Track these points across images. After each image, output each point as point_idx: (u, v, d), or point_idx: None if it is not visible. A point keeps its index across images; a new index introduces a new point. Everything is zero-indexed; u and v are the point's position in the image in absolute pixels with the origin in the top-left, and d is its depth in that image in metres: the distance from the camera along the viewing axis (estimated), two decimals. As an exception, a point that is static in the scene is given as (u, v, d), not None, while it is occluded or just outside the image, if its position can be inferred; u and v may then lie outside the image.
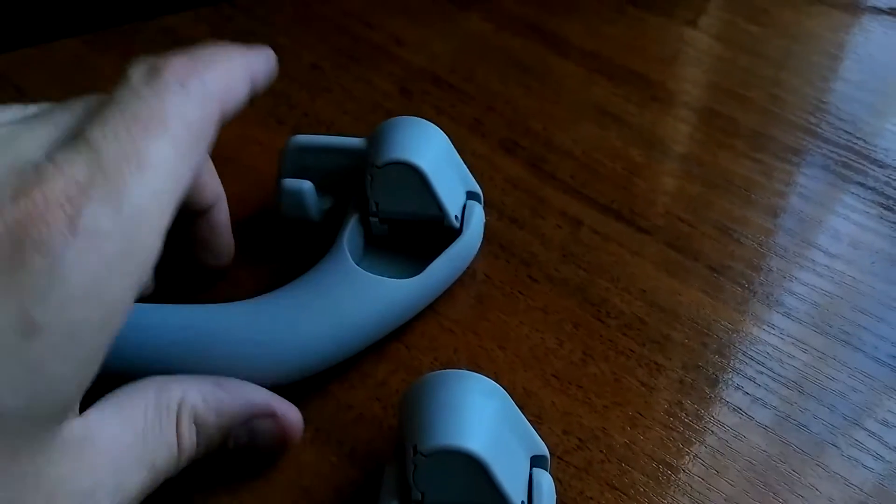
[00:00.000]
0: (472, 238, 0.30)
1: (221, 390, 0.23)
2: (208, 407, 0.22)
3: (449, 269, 0.29)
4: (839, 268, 0.32)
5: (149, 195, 0.18)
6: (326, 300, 0.27)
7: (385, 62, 0.40)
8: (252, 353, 0.26)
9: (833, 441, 0.27)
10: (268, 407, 0.24)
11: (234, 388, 0.23)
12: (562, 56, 0.41)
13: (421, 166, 0.28)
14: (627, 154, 0.36)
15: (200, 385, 0.23)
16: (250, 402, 0.23)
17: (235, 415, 0.23)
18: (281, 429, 0.24)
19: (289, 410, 0.24)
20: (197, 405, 0.22)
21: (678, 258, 0.32)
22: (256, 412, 0.24)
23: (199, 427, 0.22)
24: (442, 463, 0.22)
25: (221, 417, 0.23)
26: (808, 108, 0.39)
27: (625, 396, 0.28)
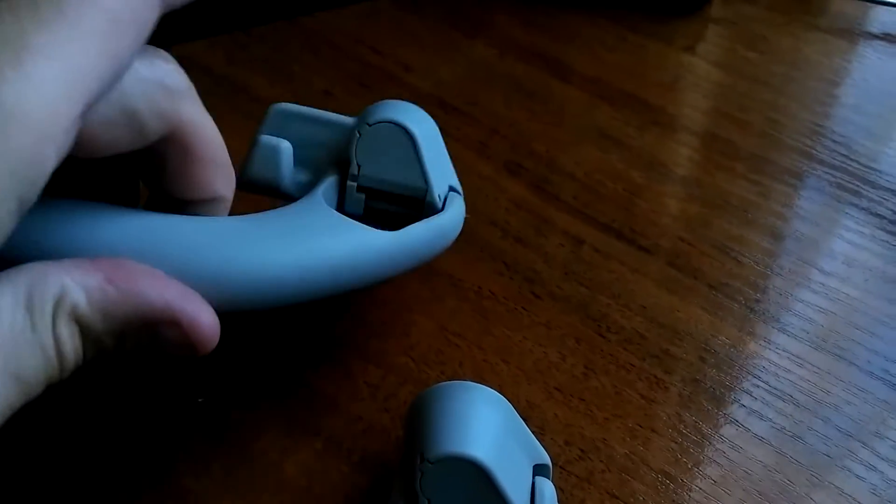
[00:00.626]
0: (453, 219, 0.28)
1: (111, 286, 0.18)
2: (93, 307, 0.18)
3: (428, 235, 0.27)
4: (834, 285, 0.33)
5: (29, 93, 0.15)
6: (297, 230, 0.24)
7: (394, 87, 0.41)
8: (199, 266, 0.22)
9: (828, 452, 0.28)
10: (170, 311, 0.19)
11: (129, 283, 0.19)
12: (564, 81, 0.42)
13: (413, 131, 0.27)
14: (628, 176, 0.37)
15: (86, 276, 0.18)
16: (147, 304, 0.19)
17: (127, 318, 0.18)
18: (186, 338, 0.19)
19: (199, 315, 0.19)
20: (78, 304, 0.18)
21: (677, 276, 0.33)
22: (155, 316, 0.19)
23: (84, 330, 0.18)
24: (448, 470, 0.23)
25: (110, 321, 0.18)
26: (805, 131, 0.40)
27: (625, 409, 0.29)
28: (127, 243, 0.21)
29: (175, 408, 0.28)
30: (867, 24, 0.48)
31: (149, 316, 0.19)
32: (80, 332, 0.18)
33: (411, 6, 0.46)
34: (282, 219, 0.24)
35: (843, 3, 0.49)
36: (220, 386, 0.29)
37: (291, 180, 0.28)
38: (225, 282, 0.22)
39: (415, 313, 0.31)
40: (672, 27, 0.46)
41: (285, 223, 0.24)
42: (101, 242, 0.21)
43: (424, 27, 0.45)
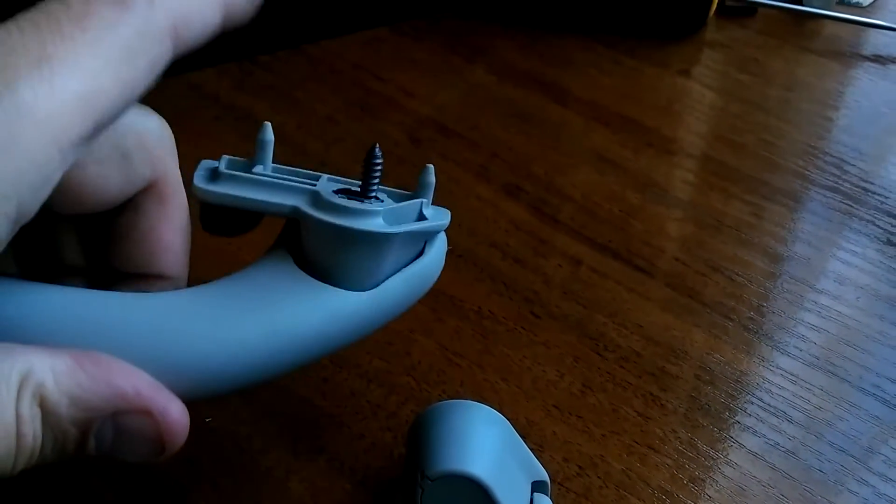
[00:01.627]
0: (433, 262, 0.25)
1: (81, 371, 0.17)
2: (61, 390, 0.17)
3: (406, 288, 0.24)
4: (826, 303, 0.34)
5: (45, 95, 0.16)
6: (259, 299, 0.22)
7: (395, 113, 0.42)
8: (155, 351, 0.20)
9: (821, 468, 0.28)
10: (140, 399, 0.18)
11: (98, 368, 0.17)
12: (561, 105, 0.43)
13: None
14: (624, 197, 0.38)
15: (54, 359, 0.17)
16: (118, 391, 0.18)
17: (95, 406, 0.17)
18: (157, 431, 0.18)
19: (169, 406, 0.18)
20: (45, 384, 0.16)
21: (673, 295, 0.34)
22: (125, 405, 0.18)
23: (47, 415, 0.17)
24: (448, 487, 0.23)
25: (77, 407, 0.17)
26: (798, 152, 0.41)
27: (622, 426, 0.29)
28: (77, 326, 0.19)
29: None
30: (859, 46, 0.49)
31: (118, 404, 0.18)
32: (44, 416, 0.17)
33: (411, 34, 0.48)
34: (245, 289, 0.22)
35: (835, 26, 0.50)
36: (227, 405, 0.29)
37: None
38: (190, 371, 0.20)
39: (416, 333, 0.32)
40: (667, 51, 0.47)
41: (251, 295, 0.22)
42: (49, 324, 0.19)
43: (424, 54, 0.46)
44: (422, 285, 0.25)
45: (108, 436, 0.18)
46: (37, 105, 0.15)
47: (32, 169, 0.16)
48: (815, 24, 0.51)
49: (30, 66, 0.16)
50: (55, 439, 0.17)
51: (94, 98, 0.17)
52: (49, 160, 0.16)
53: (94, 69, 0.16)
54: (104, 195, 0.20)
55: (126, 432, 0.18)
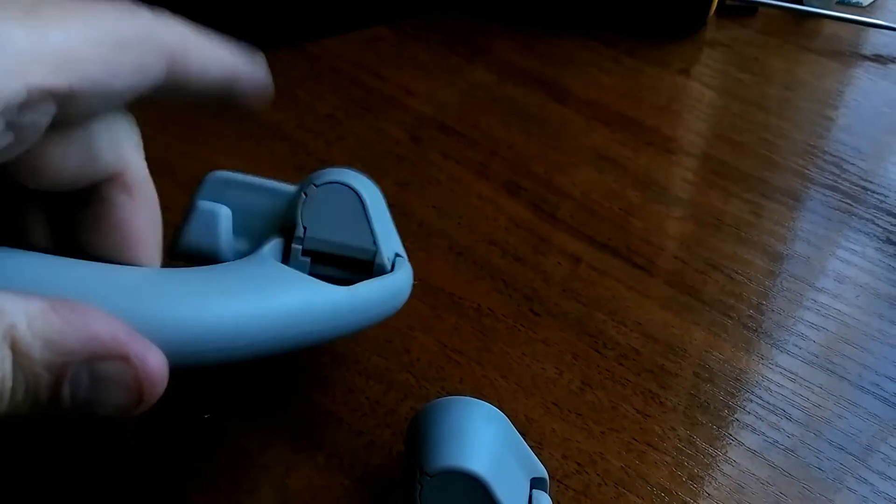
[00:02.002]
0: (403, 279, 0.27)
1: (56, 314, 0.17)
2: (34, 333, 0.16)
3: (378, 295, 0.26)
4: (826, 301, 0.34)
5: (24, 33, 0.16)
6: (238, 281, 0.22)
7: (395, 111, 0.42)
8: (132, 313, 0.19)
9: (819, 466, 0.28)
10: (118, 345, 0.17)
11: (74, 312, 0.17)
12: (561, 104, 0.43)
13: (362, 192, 0.26)
14: (624, 195, 0.38)
15: (27, 302, 0.16)
16: (94, 335, 0.17)
17: (71, 348, 0.17)
18: (135, 378, 0.17)
19: (147, 353, 0.18)
20: (17, 325, 0.16)
21: (672, 293, 0.34)
22: (102, 349, 0.17)
23: (18, 356, 0.16)
24: (447, 483, 0.23)
25: (51, 350, 0.16)
26: (798, 151, 0.41)
27: (621, 423, 0.29)
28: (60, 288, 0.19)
29: (181, 424, 0.29)
30: (858, 46, 0.49)
31: (95, 349, 0.17)
32: (15, 358, 0.16)
33: (412, 32, 0.48)
34: (228, 272, 0.23)
35: (835, 25, 0.50)
36: (226, 402, 0.29)
37: (230, 249, 0.26)
38: (166, 334, 0.20)
39: (415, 331, 0.32)
40: (666, 50, 0.47)
41: (232, 276, 0.23)
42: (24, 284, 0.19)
43: (425, 53, 0.46)
44: (393, 297, 0.27)
45: (84, 383, 0.17)
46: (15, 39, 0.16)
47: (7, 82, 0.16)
48: (815, 24, 0.51)
49: (16, 11, 0.16)
50: (27, 384, 0.16)
51: (73, 60, 0.17)
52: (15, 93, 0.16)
53: (81, 38, 0.17)
54: (63, 172, 0.20)
55: (102, 379, 0.17)
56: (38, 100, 0.16)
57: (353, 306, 0.25)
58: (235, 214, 0.27)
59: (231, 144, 0.40)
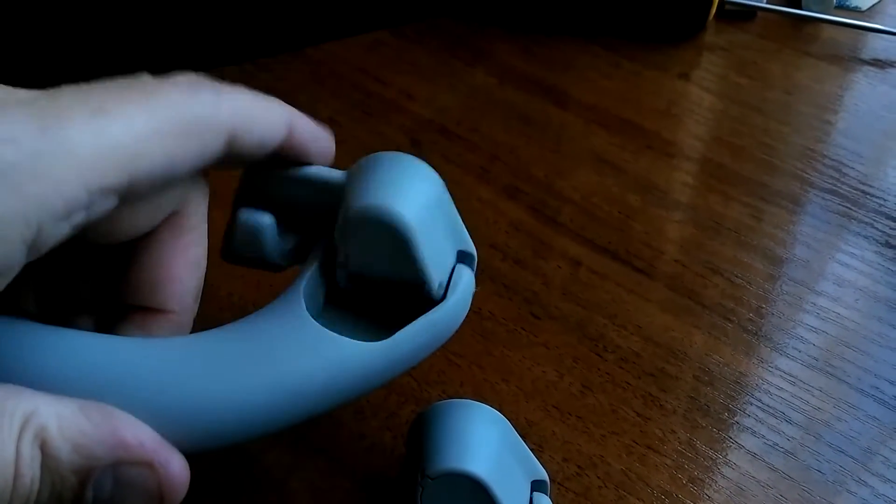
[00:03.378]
0: (455, 308, 0.23)
1: (85, 418, 0.17)
2: (63, 435, 0.17)
3: (423, 338, 0.23)
4: (826, 305, 0.34)
5: (89, 138, 0.16)
6: (265, 351, 0.21)
7: (396, 115, 0.43)
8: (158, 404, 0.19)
9: (819, 468, 0.28)
10: (143, 451, 0.18)
11: (102, 417, 0.17)
12: (561, 108, 0.43)
13: (405, 226, 0.22)
14: (624, 199, 0.38)
15: (59, 404, 0.17)
16: (121, 441, 0.17)
17: (97, 454, 0.17)
18: (158, 484, 0.18)
19: (171, 460, 0.18)
20: (49, 427, 0.16)
21: (672, 296, 0.34)
22: (127, 456, 0.18)
23: (47, 458, 0.16)
24: (448, 486, 0.23)
25: (79, 454, 0.17)
26: (798, 155, 0.41)
27: (622, 426, 0.29)
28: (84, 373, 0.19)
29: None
30: (857, 50, 0.49)
31: (120, 454, 0.17)
32: (44, 459, 0.16)
33: (413, 37, 0.48)
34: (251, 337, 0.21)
35: (834, 30, 0.50)
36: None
37: (277, 251, 0.25)
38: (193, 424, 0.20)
39: (416, 334, 0.32)
40: (666, 54, 0.47)
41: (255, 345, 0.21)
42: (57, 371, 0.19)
43: (425, 57, 0.47)
44: (440, 334, 0.23)
45: (107, 487, 0.17)
46: (79, 145, 0.16)
47: (57, 202, 0.16)
48: (814, 28, 0.51)
49: (84, 112, 0.17)
50: (53, 485, 0.17)
51: (137, 157, 0.17)
52: (74, 199, 0.16)
53: (143, 133, 0.17)
54: (133, 229, 0.21)
55: (126, 484, 0.18)
56: (98, 198, 0.17)
57: (392, 361, 0.22)
58: (278, 211, 0.25)
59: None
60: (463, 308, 0.24)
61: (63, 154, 0.16)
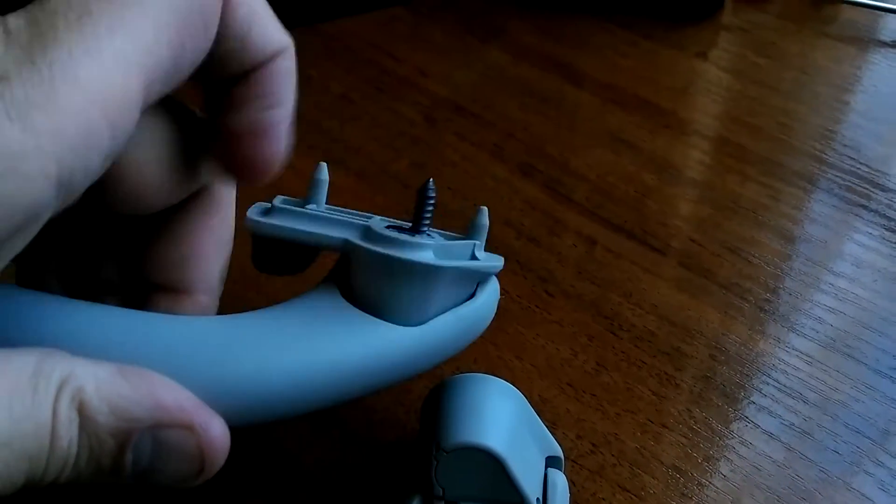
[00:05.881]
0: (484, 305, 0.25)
1: (123, 379, 0.17)
2: (101, 396, 0.16)
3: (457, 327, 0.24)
4: (843, 286, 0.33)
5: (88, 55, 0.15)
6: (305, 329, 0.21)
7: (410, 92, 0.42)
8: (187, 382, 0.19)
9: (836, 449, 0.28)
10: (182, 413, 0.17)
11: (140, 380, 0.17)
12: (577, 86, 0.43)
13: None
14: (640, 178, 0.38)
15: (97, 367, 0.16)
16: (160, 403, 0.17)
17: (136, 416, 0.16)
18: (198, 447, 0.17)
19: (212, 423, 0.18)
20: (86, 388, 0.16)
21: (688, 275, 0.34)
22: (167, 418, 0.17)
23: (85, 421, 0.16)
24: (462, 459, 0.23)
25: (117, 416, 0.16)
26: (815, 135, 0.41)
27: (636, 405, 0.29)
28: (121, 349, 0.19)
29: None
30: (876, 31, 0.49)
31: (160, 417, 0.17)
32: (81, 422, 0.16)
33: (427, 14, 0.47)
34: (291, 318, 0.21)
35: (853, 11, 0.50)
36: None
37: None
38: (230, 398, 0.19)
39: (430, 310, 0.32)
40: (683, 34, 0.47)
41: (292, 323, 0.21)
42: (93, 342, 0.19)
43: (440, 34, 0.46)
44: (472, 328, 0.25)
45: (146, 451, 0.17)
46: (79, 67, 0.15)
47: (75, 130, 0.15)
48: (833, 9, 0.50)
49: (69, 24, 0.15)
50: (91, 449, 0.16)
51: (143, 62, 0.16)
52: (94, 125, 0.15)
53: (143, 30, 0.16)
54: (159, 197, 0.19)
55: (166, 448, 0.17)
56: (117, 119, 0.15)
57: (428, 346, 0.23)
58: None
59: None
60: (491, 308, 0.25)
61: (64, 80, 0.14)
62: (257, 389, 0.20)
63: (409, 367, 0.23)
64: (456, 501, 0.24)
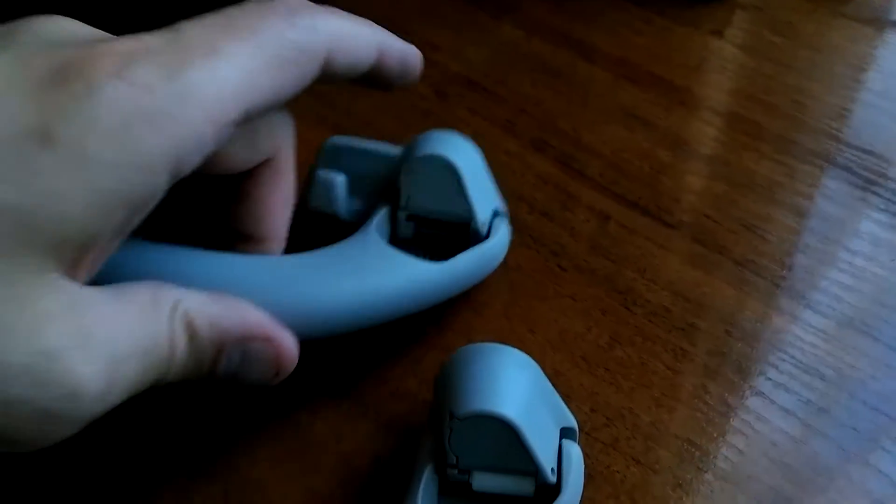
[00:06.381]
0: (498, 244, 0.30)
1: (215, 303, 0.21)
2: (202, 316, 0.21)
3: (475, 264, 0.29)
4: (860, 263, 0.33)
5: (208, 79, 0.19)
6: (350, 266, 0.27)
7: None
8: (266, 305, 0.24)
9: (855, 426, 0.28)
10: (263, 328, 0.22)
11: (230, 304, 0.22)
12: (590, 62, 0.42)
13: (457, 163, 0.29)
14: (654, 154, 0.37)
15: (198, 294, 0.21)
16: (245, 320, 0.22)
17: (229, 330, 0.21)
18: (275, 355, 0.22)
19: (284, 336, 0.23)
20: (191, 310, 0.20)
21: (703, 252, 0.33)
22: (251, 332, 0.22)
23: (191, 335, 0.20)
24: (477, 427, 0.23)
25: (214, 330, 0.21)
26: (831, 114, 0.40)
27: (651, 379, 0.29)
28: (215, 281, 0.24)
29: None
30: (893, 12, 0.48)
31: (245, 330, 0.21)
32: (189, 335, 0.20)
33: (438, -13, 0.47)
34: (341, 256, 0.27)
35: (870, -9, 0.49)
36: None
37: (347, 209, 0.31)
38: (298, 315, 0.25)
39: (442, 283, 0.31)
40: (698, 11, 0.46)
41: (345, 261, 0.27)
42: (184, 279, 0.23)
43: (452, 8, 0.45)
44: (487, 263, 0.30)
45: (235, 359, 0.21)
46: (201, 88, 0.19)
47: (190, 138, 0.19)
48: (849, -10, 0.49)
49: (201, 55, 0.19)
50: (196, 355, 0.21)
51: (248, 91, 0.20)
52: (204, 134, 0.19)
53: (253, 68, 0.20)
54: (233, 163, 0.24)
55: (251, 356, 0.22)
56: (221, 129, 0.19)
57: (450, 279, 0.28)
58: (349, 178, 0.31)
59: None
60: (503, 246, 0.30)
61: (189, 96, 0.18)
62: (318, 310, 0.25)
63: (437, 295, 0.28)
64: (469, 470, 0.24)
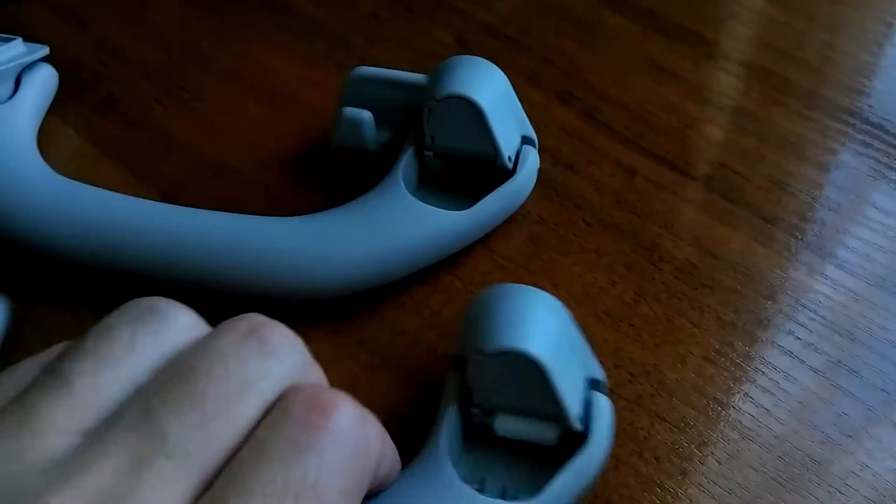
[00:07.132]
0: (524, 180, 0.30)
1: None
2: None
3: (499, 206, 0.29)
4: (893, 224, 0.32)
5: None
6: (377, 221, 0.28)
7: (442, 14, 0.40)
8: (299, 265, 0.27)
9: (884, 387, 0.27)
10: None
11: None
12: (617, 13, 0.41)
13: (479, 102, 0.28)
14: (682, 108, 0.36)
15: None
16: None
17: None
18: None
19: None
20: None
21: (731, 208, 0.32)
22: None
23: None
24: (503, 366, 0.22)
25: None
26: (861, 70, 0.39)
27: (676, 336, 0.28)
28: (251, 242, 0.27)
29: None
30: (930, -31, 0.46)
31: None
32: None
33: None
34: (368, 210, 0.28)
35: (907, -54, 0.47)
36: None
37: (374, 141, 0.31)
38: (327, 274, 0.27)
39: (463, 234, 0.30)
40: (729, -37, 0.44)
41: (371, 217, 0.28)
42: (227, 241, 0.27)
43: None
44: (512, 203, 0.30)
45: None
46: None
47: None
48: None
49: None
50: None
51: None
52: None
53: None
54: None
55: None
56: None
57: (476, 226, 0.29)
58: (376, 109, 0.31)
59: (267, 37, 0.38)
60: (531, 179, 0.31)
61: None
62: (347, 269, 0.27)
63: (463, 242, 0.29)
64: (493, 411, 0.23)
